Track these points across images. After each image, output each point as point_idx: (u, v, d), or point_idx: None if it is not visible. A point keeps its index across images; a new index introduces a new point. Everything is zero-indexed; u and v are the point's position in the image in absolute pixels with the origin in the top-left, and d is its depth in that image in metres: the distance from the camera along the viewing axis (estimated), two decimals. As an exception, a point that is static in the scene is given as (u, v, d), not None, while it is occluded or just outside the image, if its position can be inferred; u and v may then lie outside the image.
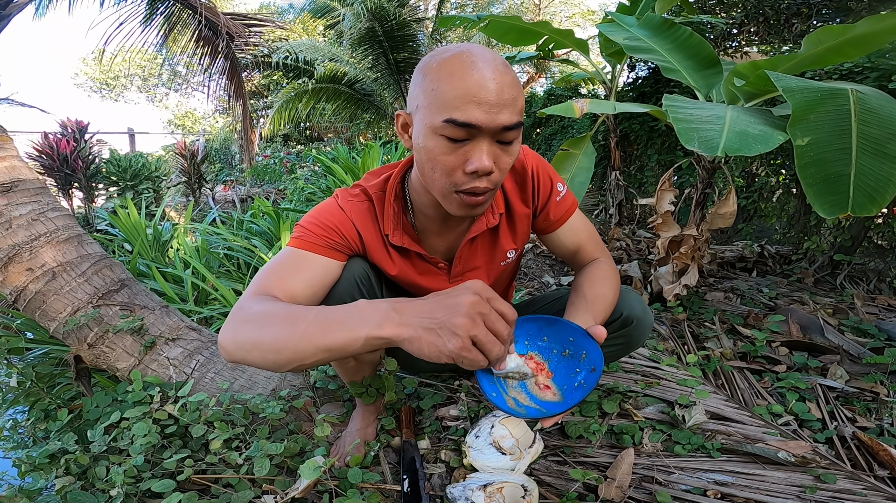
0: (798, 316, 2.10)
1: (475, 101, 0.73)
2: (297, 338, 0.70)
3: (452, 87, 0.74)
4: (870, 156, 1.37)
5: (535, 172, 1.05)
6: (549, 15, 14.70)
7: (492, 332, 0.63)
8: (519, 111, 0.78)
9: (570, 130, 5.36)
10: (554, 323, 0.84)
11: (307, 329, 0.70)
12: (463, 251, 1.05)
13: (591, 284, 1.03)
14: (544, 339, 0.84)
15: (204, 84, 4.64)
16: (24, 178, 1.62)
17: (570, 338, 0.82)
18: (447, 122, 0.75)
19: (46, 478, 1.16)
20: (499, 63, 0.76)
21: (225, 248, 2.89)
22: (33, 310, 1.55)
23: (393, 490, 1.13)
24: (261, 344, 0.73)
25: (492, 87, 0.73)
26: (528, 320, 0.84)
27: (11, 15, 2.40)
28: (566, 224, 1.11)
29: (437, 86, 0.76)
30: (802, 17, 3.73)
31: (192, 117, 18.79)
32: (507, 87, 0.75)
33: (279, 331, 0.72)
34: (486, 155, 0.77)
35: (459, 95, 0.74)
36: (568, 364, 0.81)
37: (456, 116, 0.74)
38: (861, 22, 1.62)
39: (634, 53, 2.42)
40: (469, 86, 0.73)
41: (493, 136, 0.77)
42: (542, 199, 1.08)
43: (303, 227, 0.96)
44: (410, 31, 7.98)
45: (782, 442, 1.27)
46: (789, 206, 3.11)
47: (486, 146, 0.77)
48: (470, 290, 0.64)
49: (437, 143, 0.79)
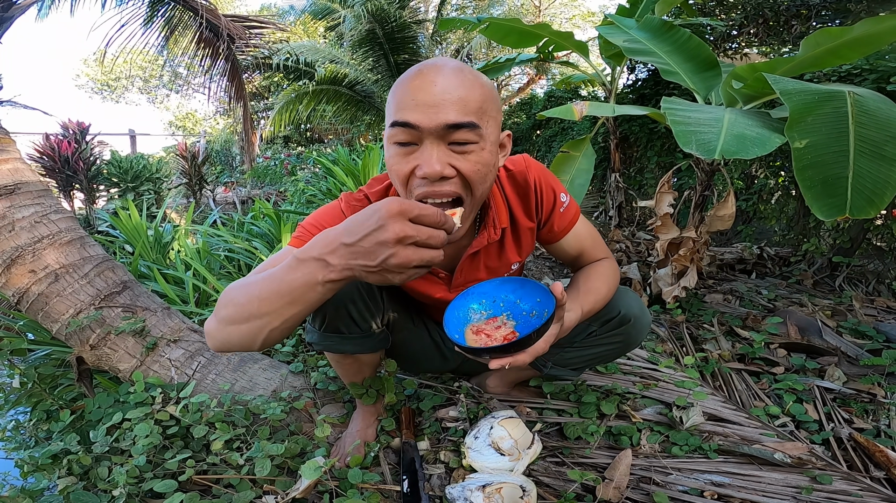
0: (796, 317, 2.10)
1: (413, 102, 0.76)
2: (263, 299, 0.70)
3: (397, 96, 0.79)
4: (867, 158, 1.38)
5: (538, 185, 1.05)
6: (550, 17, 14.72)
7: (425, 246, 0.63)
8: (471, 111, 0.77)
9: (571, 132, 5.38)
10: (525, 284, 0.89)
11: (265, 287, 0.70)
12: (464, 264, 1.05)
13: (586, 279, 1.07)
14: (517, 303, 0.90)
15: (205, 86, 4.65)
16: (27, 181, 1.63)
17: (537, 298, 0.87)
18: (392, 126, 0.79)
19: (49, 479, 1.17)
20: (450, 69, 0.78)
21: (226, 249, 2.90)
22: (36, 311, 1.56)
23: (393, 490, 1.14)
24: (237, 315, 0.73)
25: (431, 89, 0.76)
26: (506, 281, 0.91)
27: (14, 17, 2.41)
28: (570, 233, 1.11)
29: (390, 99, 0.82)
30: (802, 19, 3.74)
31: (193, 119, 18.81)
32: (453, 88, 0.76)
33: (242, 298, 0.72)
34: (434, 159, 0.77)
35: (400, 100, 0.78)
36: (532, 322, 0.86)
37: (397, 118, 0.78)
38: (859, 24, 1.63)
39: (634, 55, 2.43)
40: (409, 89, 0.77)
41: (441, 138, 0.78)
42: (545, 212, 1.07)
43: (303, 227, 0.97)
44: (411, 33, 8.00)
45: (779, 443, 1.28)
46: (788, 208, 3.12)
47: (434, 149, 0.78)
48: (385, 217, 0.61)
49: (391, 153, 0.82)
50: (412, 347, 1.28)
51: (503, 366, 0.77)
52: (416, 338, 1.27)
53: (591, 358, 1.28)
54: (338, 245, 0.64)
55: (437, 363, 1.37)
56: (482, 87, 0.81)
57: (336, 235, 0.65)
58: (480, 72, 0.85)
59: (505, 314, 0.90)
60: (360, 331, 1.09)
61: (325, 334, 1.08)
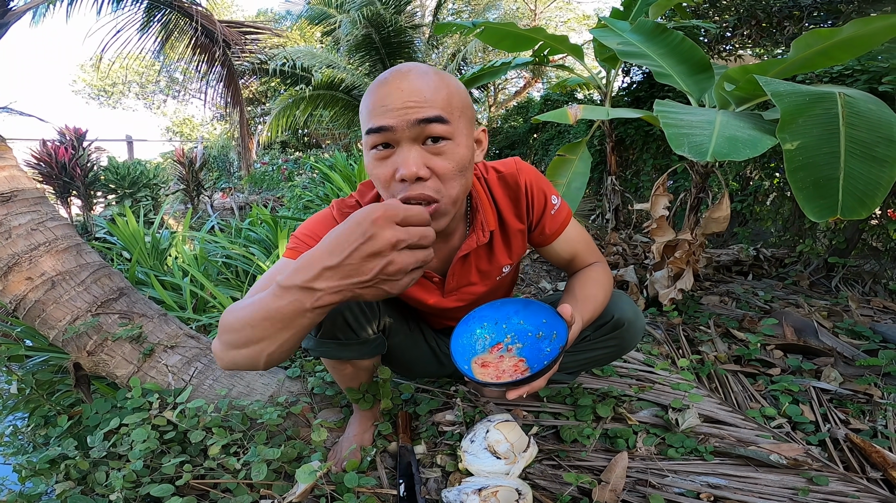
0: (793, 319, 2.11)
1: (383, 108, 0.79)
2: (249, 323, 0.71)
3: (368, 105, 0.82)
4: (858, 159, 1.38)
5: (529, 187, 1.05)
6: (545, 20, 14.77)
7: (417, 247, 0.63)
8: (439, 107, 0.79)
9: (567, 136, 5.39)
10: (529, 305, 0.89)
11: (254, 311, 0.70)
12: (456, 268, 1.05)
13: (582, 285, 1.06)
14: (521, 323, 0.89)
15: (201, 91, 4.66)
16: (23, 188, 1.63)
17: (543, 319, 0.86)
18: (367, 133, 0.81)
19: (47, 484, 1.17)
20: (415, 74, 0.80)
21: (223, 255, 2.90)
22: (33, 318, 1.56)
23: (389, 494, 1.14)
24: (236, 340, 0.73)
25: (396, 95, 0.78)
26: (507, 303, 0.90)
27: (10, 23, 2.41)
28: (562, 236, 1.12)
29: (362, 110, 0.84)
30: (794, 20, 3.77)
31: (190, 124, 18.81)
32: (418, 91, 0.78)
33: (238, 324, 0.73)
34: (410, 160, 0.79)
35: (371, 108, 0.80)
36: (540, 344, 0.85)
37: (370, 125, 0.80)
38: (848, 25, 1.64)
39: (628, 58, 2.44)
40: (379, 96, 0.80)
41: (416, 139, 0.80)
42: (536, 214, 1.07)
43: (297, 237, 0.96)
44: (407, 38, 8.02)
45: (775, 444, 1.28)
46: (784, 210, 3.13)
47: (410, 151, 0.80)
48: (379, 237, 0.61)
49: (370, 160, 0.84)
50: (408, 353, 1.28)
51: (521, 395, 0.79)
52: (413, 344, 1.28)
53: (585, 362, 1.28)
54: (320, 269, 0.63)
55: (434, 368, 1.37)
56: (447, 85, 0.82)
57: (318, 257, 0.64)
58: (461, 76, 0.88)
59: (509, 336, 0.89)
60: (357, 338, 1.09)
61: (321, 341, 1.08)
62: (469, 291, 1.11)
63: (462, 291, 1.11)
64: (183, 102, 18.68)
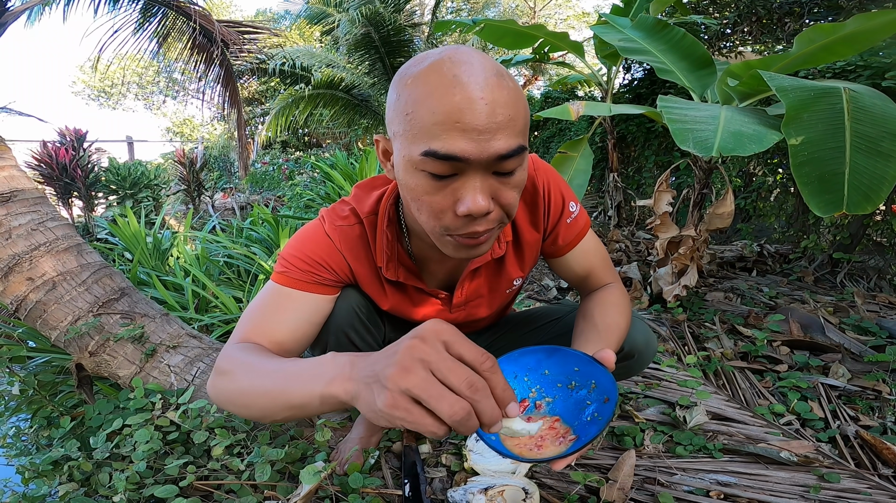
0: (798, 315, 2.10)
1: (458, 127, 0.58)
2: (261, 395, 0.64)
3: (430, 112, 0.59)
4: (864, 154, 1.38)
5: (547, 190, 0.91)
6: (545, 18, 14.76)
7: (444, 384, 0.46)
8: (519, 132, 0.62)
9: (568, 133, 5.38)
10: (555, 352, 0.72)
11: (268, 385, 0.63)
12: (465, 282, 0.95)
13: (602, 312, 0.90)
14: (546, 373, 0.72)
15: (201, 91, 4.65)
16: (22, 188, 1.63)
17: (574, 367, 0.70)
18: (426, 154, 0.60)
19: (50, 485, 1.17)
20: (490, 73, 0.60)
21: (225, 255, 2.89)
22: (34, 319, 1.55)
23: (394, 494, 1.13)
24: (233, 399, 0.68)
25: (480, 109, 0.58)
26: (526, 353, 0.73)
27: (7, 24, 2.40)
28: (576, 248, 0.97)
29: (412, 109, 0.61)
30: (795, 17, 3.76)
31: (190, 125, 18.82)
32: (502, 106, 0.59)
33: (245, 387, 0.66)
34: (479, 193, 0.63)
35: (439, 122, 0.59)
36: (577, 397, 0.69)
37: (436, 148, 0.59)
38: (851, 20, 1.63)
39: (629, 55, 2.43)
40: (450, 108, 0.58)
41: (487, 168, 0.62)
42: (552, 221, 0.93)
43: (286, 260, 0.84)
44: (407, 37, 8.00)
45: (785, 442, 1.27)
46: (787, 205, 3.12)
47: (479, 182, 0.63)
48: (414, 334, 0.49)
49: (419, 181, 0.64)
50: None
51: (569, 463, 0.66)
52: None
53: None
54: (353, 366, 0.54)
55: None
56: (522, 96, 0.64)
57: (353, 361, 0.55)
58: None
59: (534, 389, 0.72)
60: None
61: None
62: (477, 305, 1.03)
63: (470, 307, 1.02)
64: (183, 103, 18.71)
